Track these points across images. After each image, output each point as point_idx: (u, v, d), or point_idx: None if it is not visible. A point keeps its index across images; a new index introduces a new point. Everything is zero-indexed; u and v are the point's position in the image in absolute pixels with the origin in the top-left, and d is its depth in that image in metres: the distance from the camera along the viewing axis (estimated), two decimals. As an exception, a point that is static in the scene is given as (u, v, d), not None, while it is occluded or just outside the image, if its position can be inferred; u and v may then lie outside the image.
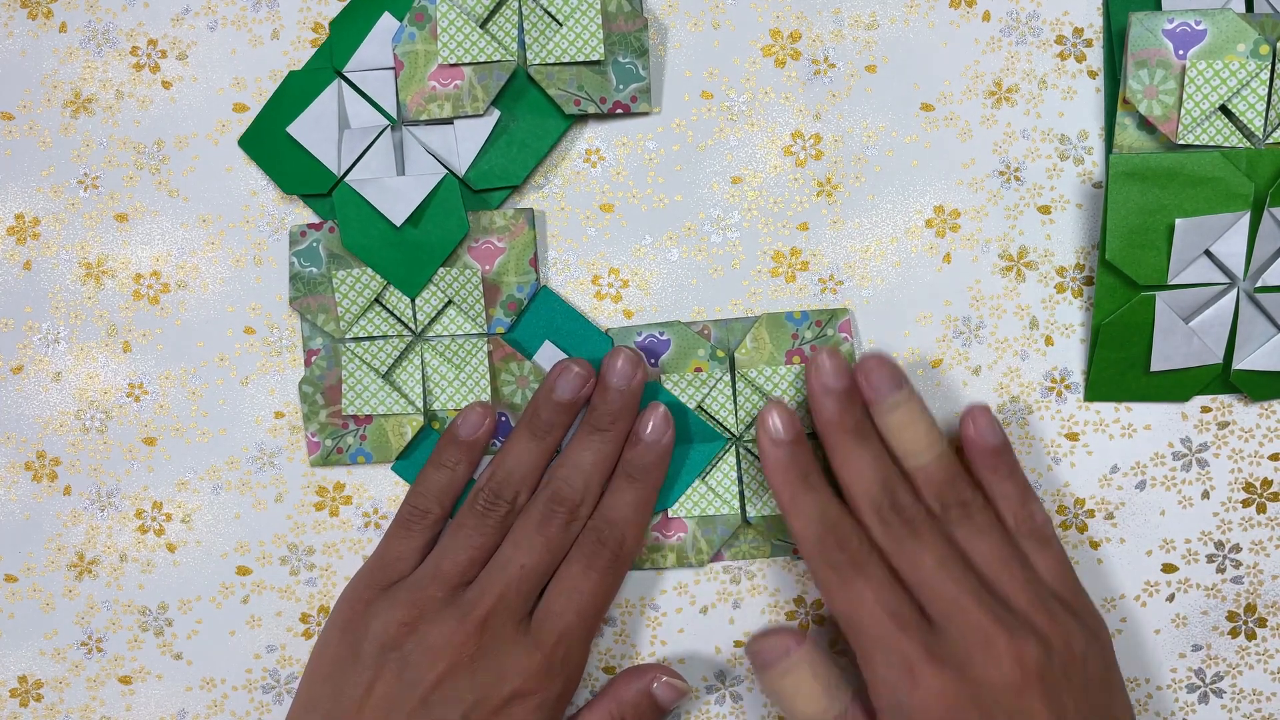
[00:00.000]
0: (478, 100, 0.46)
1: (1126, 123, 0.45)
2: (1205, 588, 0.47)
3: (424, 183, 0.46)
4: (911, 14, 0.47)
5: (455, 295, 0.47)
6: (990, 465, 0.44)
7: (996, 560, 0.42)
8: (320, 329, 0.47)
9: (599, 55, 0.46)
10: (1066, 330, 0.47)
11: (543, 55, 0.46)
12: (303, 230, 0.47)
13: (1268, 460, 0.47)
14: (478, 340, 0.47)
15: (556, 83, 0.46)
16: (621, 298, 0.48)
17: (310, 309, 0.47)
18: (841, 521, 0.42)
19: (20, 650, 0.49)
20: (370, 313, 0.47)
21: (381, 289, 0.47)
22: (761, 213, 0.48)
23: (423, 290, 0.47)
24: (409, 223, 0.47)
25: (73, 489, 0.49)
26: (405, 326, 0.47)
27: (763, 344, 0.46)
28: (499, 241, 0.47)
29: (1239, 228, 0.44)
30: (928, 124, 0.47)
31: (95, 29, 0.49)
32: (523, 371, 0.47)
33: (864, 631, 0.41)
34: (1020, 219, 0.47)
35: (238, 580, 0.49)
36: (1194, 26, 0.44)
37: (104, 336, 0.49)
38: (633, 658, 0.48)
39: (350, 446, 0.47)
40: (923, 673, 0.40)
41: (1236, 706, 0.47)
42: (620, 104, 0.47)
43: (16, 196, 0.49)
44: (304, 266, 0.47)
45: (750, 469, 0.46)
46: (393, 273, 0.47)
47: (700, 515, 0.47)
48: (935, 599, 0.41)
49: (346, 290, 0.47)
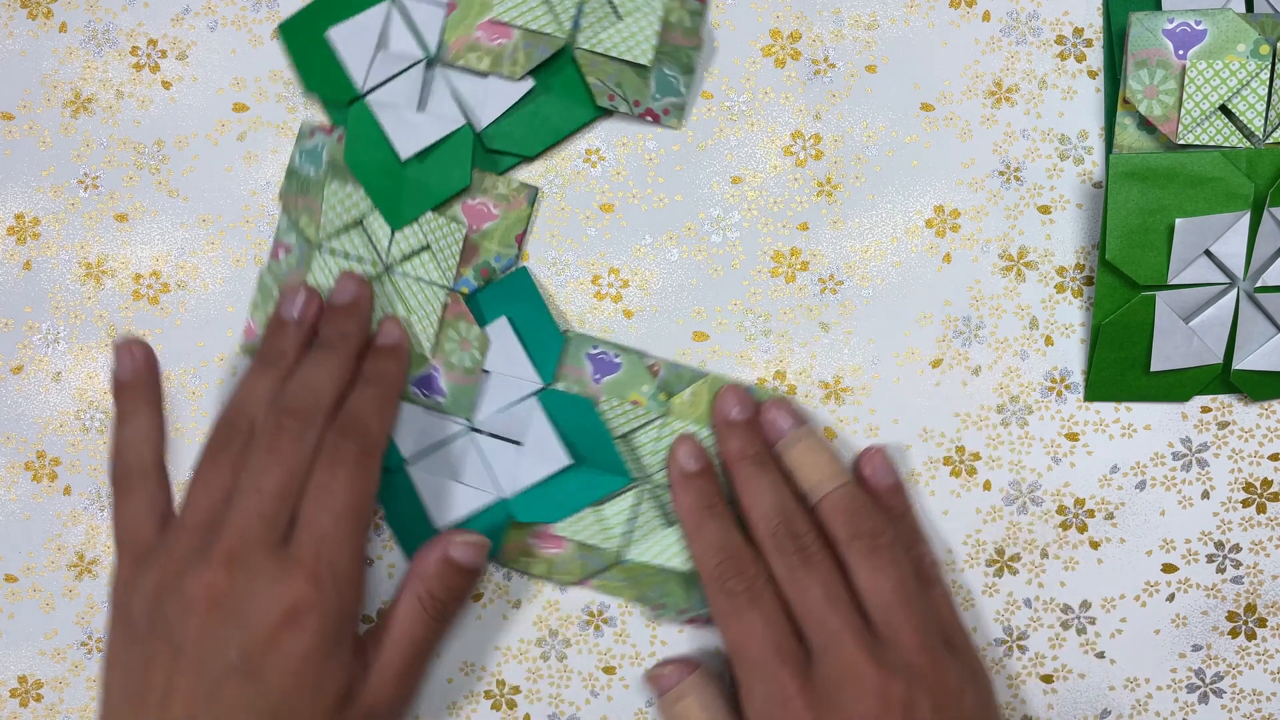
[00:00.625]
0: (517, 64, 0.46)
1: (1126, 123, 0.45)
2: (1205, 588, 0.47)
3: (441, 125, 0.46)
4: (911, 14, 0.47)
5: (434, 242, 0.46)
6: (885, 505, 0.45)
7: (892, 596, 0.42)
8: (299, 229, 0.47)
9: (647, 60, 0.46)
10: (1066, 330, 0.47)
11: (593, 42, 0.46)
12: (313, 130, 0.47)
13: (1268, 460, 0.47)
14: (439, 290, 0.46)
15: (597, 72, 0.46)
16: (621, 298, 0.48)
17: (295, 207, 0.47)
18: (741, 551, 0.43)
19: (20, 650, 0.49)
20: (350, 232, 0.47)
21: (367, 212, 0.47)
22: (761, 213, 0.48)
23: (406, 227, 0.46)
24: (414, 159, 0.46)
25: (73, 489, 0.49)
26: (378, 255, 0.47)
27: (699, 401, 0.46)
28: (494, 207, 0.47)
29: (1239, 228, 0.44)
30: (928, 124, 0.47)
31: (95, 29, 0.49)
32: (469, 335, 0.46)
33: (747, 661, 0.42)
34: (1020, 219, 0.47)
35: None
36: (1194, 26, 0.44)
37: (104, 336, 0.49)
38: (633, 658, 0.48)
39: None
40: (794, 705, 0.40)
41: (1236, 707, 0.47)
42: (652, 112, 0.47)
43: (16, 196, 0.49)
44: (303, 165, 0.47)
45: (648, 512, 0.46)
46: (384, 201, 0.46)
47: (581, 541, 0.46)
48: (816, 630, 0.41)
49: (335, 203, 0.46)
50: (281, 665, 0.40)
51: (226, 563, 0.40)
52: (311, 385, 0.43)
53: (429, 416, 0.47)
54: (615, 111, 0.47)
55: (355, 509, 0.42)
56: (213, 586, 0.40)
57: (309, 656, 0.40)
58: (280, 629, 0.40)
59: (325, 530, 0.41)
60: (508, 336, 0.47)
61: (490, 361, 0.47)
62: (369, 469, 0.43)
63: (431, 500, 0.47)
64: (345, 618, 0.42)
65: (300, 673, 0.40)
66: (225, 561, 0.40)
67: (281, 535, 0.41)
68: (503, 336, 0.47)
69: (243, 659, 0.40)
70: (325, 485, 0.42)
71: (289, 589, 0.40)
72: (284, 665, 0.40)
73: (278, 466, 0.42)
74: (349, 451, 0.42)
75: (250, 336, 0.47)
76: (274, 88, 0.48)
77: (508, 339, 0.47)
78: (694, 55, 0.47)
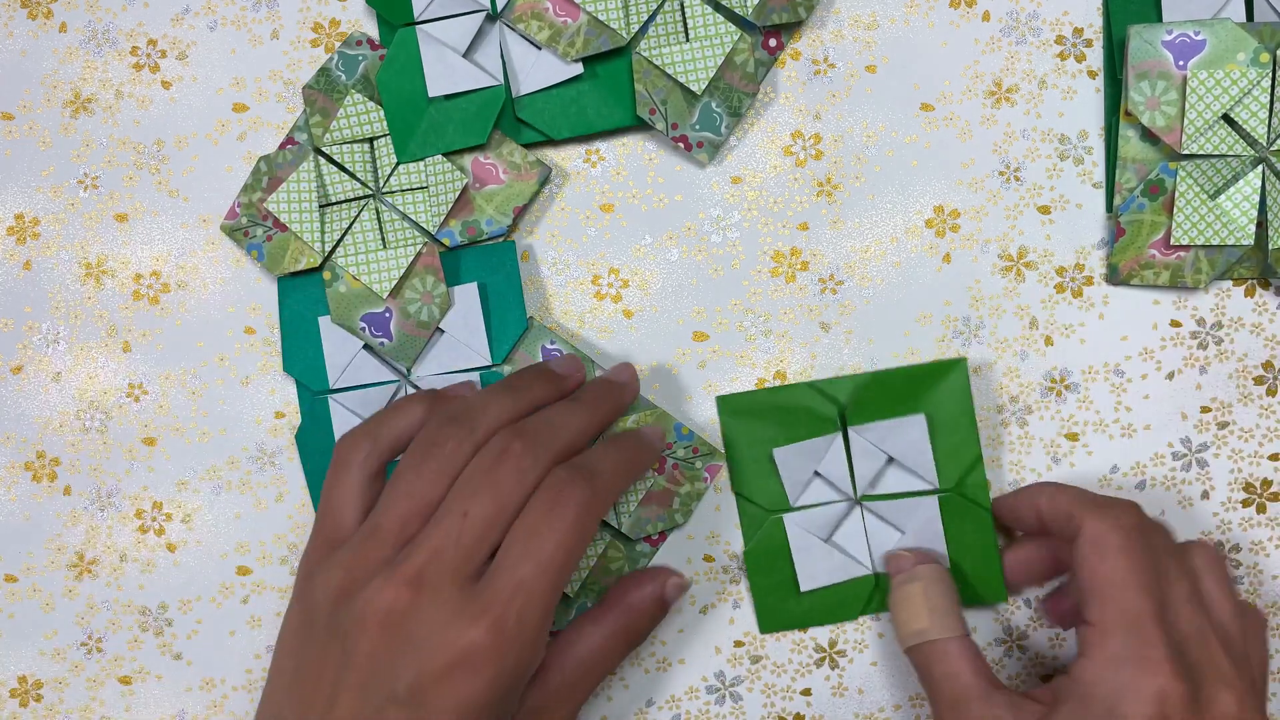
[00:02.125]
0: (574, 47, 0.46)
1: (1129, 135, 0.45)
2: (1205, 588, 0.47)
3: (479, 77, 0.46)
4: (911, 14, 0.47)
5: (433, 184, 0.46)
6: None
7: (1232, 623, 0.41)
8: (309, 127, 0.47)
9: (698, 89, 0.46)
10: (1066, 330, 0.47)
11: (654, 53, 0.46)
12: (359, 40, 0.47)
13: (1268, 460, 0.47)
14: (419, 235, 0.46)
15: (647, 83, 0.46)
16: (621, 298, 0.48)
17: (315, 104, 0.47)
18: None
19: (20, 650, 0.49)
20: (354, 147, 0.47)
21: (378, 135, 0.47)
22: (761, 213, 0.48)
23: (410, 162, 0.46)
24: (442, 100, 0.46)
25: (73, 489, 0.49)
26: (374, 178, 0.47)
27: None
28: (504, 173, 0.47)
29: (835, 448, 0.46)
30: (928, 124, 0.47)
31: (95, 29, 0.49)
32: (435, 291, 0.46)
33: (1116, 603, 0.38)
34: (1020, 219, 0.47)
35: (238, 580, 0.49)
36: (1193, 37, 0.44)
37: (104, 336, 0.49)
38: (632, 658, 0.48)
39: (256, 237, 0.47)
40: (1161, 671, 0.37)
41: (1236, 706, 0.47)
42: (686, 140, 0.46)
43: (16, 196, 0.49)
44: (337, 68, 0.47)
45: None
46: (398, 129, 0.46)
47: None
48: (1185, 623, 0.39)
49: (351, 113, 0.46)
50: (447, 709, 0.37)
51: (412, 583, 0.37)
52: (554, 422, 0.40)
53: (366, 355, 0.47)
54: (649, 126, 0.46)
55: (561, 565, 0.38)
56: (393, 606, 0.37)
57: (479, 709, 0.37)
58: (452, 670, 0.37)
59: (524, 579, 0.37)
60: (473, 305, 0.47)
61: (448, 323, 0.47)
62: (587, 524, 0.38)
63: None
64: (520, 676, 0.38)
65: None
66: (411, 581, 0.37)
67: (476, 570, 0.38)
68: (468, 302, 0.47)
69: (409, 691, 0.37)
70: (535, 529, 0.38)
71: (471, 632, 0.37)
72: (449, 709, 0.37)
73: (490, 494, 0.38)
74: (573, 496, 0.38)
75: (233, 218, 0.47)
76: (274, 88, 0.48)
77: (472, 307, 0.47)
78: (746, 101, 0.46)
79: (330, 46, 0.48)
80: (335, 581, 0.39)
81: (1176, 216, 0.44)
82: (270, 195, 0.47)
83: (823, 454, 0.46)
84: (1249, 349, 0.47)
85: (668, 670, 0.48)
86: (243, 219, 0.47)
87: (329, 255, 0.47)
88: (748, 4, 0.45)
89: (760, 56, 0.46)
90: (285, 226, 0.47)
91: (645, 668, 0.48)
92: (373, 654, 0.37)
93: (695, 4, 0.45)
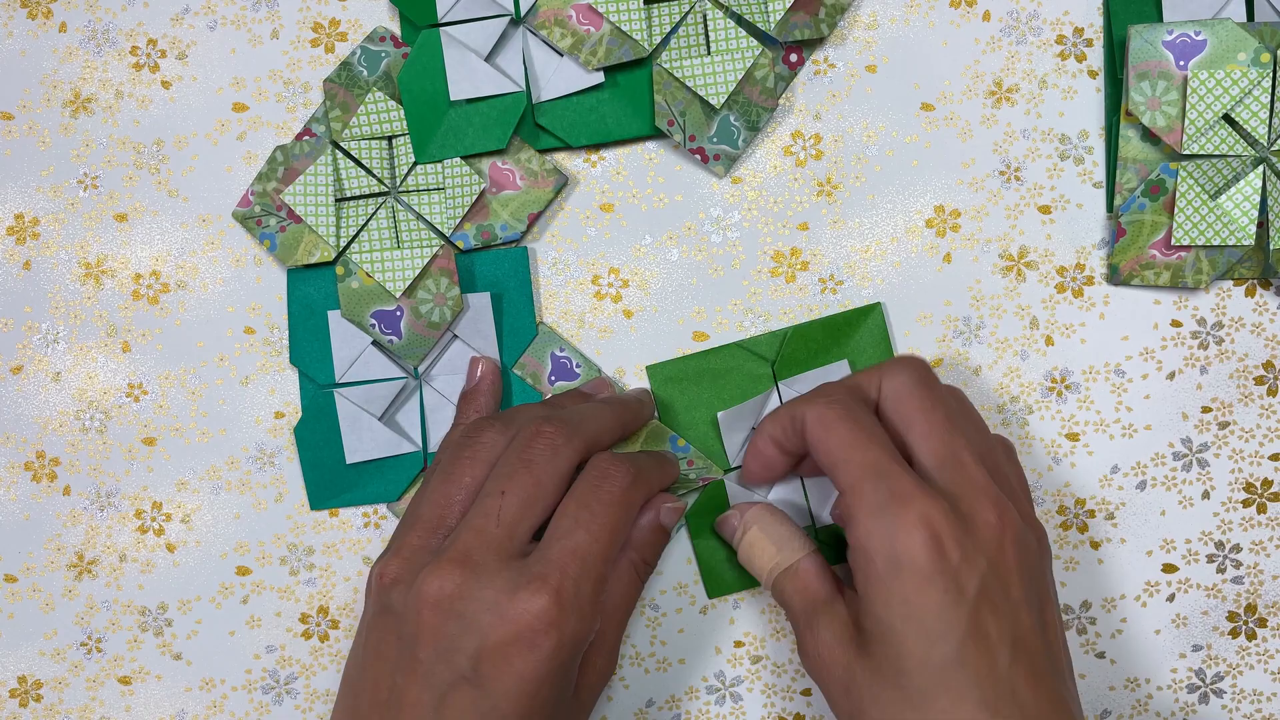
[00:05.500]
0: (595, 55, 0.46)
1: (1130, 135, 0.45)
2: (1205, 588, 0.47)
3: (500, 82, 0.46)
4: (911, 14, 0.47)
5: (450, 186, 0.46)
6: None
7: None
8: (328, 120, 0.47)
9: (717, 103, 0.46)
10: (1066, 330, 0.47)
11: (675, 65, 0.46)
12: (384, 36, 0.47)
13: (1268, 460, 0.47)
14: (434, 236, 0.47)
15: (667, 94, 0.46)
16: (621, 298, 0.48)
17: (335, 98, 0.47)
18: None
19: (20, 650, 0.49)
20: (373, 144, 0.47)
21: (398, 134, 0.47)
22: (761, 213, 0.48)
23: (428, 162, 0.47)
24: (463, 103, 0.46)
25: (72, 489, 0.49)
26: (392, 176, 0.47)
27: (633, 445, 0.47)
28: (520, 179, 0.47)
29: (772, 403, 0.47)
30: (928, 124, 0.47)
31: (95, 29, 0.49)
32: (448, 294, 0.47)
33: (854, 463, 0.39)
34: (1020, 219, 0.47)
35: (237, 580, 0.49)
36: (1193, 37, 0.44)
37: (103, 336, 0.49)
38: (633, 658, 0.48)
39: (269, 226, 0.47)
40: (914, 498, 0.38)
41: (1237, 707, 0.47)
42: (703, 152, 0.46)
43: (16, 196, 0.49)
44: (359, 63, 0.47)
45: None
46: (417, 130, 0.46)
47: None
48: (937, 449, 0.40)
49: (371, 110, 0.47)
50: (512, 683, 0.38)
51: (460, 563, 0.38)
52: (584, 411, 0.42)
53: (374, 351, 0.47)
54: (667, 136, 0.46)
55: (611, 533, 0.40)
56: (442, 588, 0.38)
57: (542, 680, 0.38)
58: (513, 643, 0.37)
59: (579, 545, 0.39)
60: (485, 312, 0.47)
61: (459, 326, 0.47)
62: (633, 500, 0.41)
63: (349, 428, 0.47)
64: (579, 645, 0.39)
65: (532, 695, 0.38)
66: (459, 562, 0.38)
67: (520, 547, 0.39)
68: (481, 309, 0.47)
69: (473, 669, 0.37)
70: (585, 501, 0.40)
71: (530, 602, 0.38)
72: (514, 684, 0.38)
73: (526, 472, 0.40)
74: (619, 473, 0.40)
75: (245, 206, 0.47)
76: (274, 88, 0.48)
77: (485, 314, 0.47)
78: (765, 117, 0.46)
79: (330, 46, 0.48)
80: (391, 571, 0.40)
81: (1177, 216, 0.44)
82: (286, 186, 0.47)
83: (761, 411, 0.46)
84: (1250, 349, 0.47)
85: (668, 670, 0.48)
86: (256, 207, 0.47)
87: (343, 250, 0.47)
88: (770, 19, 0.45)
89: (780, 71, 0.46)
90: (300, 218, 0.47)
91: (645, 668, 0.48)
92: (433, 639, 0.38)
93: (718, 18, 0.46)
